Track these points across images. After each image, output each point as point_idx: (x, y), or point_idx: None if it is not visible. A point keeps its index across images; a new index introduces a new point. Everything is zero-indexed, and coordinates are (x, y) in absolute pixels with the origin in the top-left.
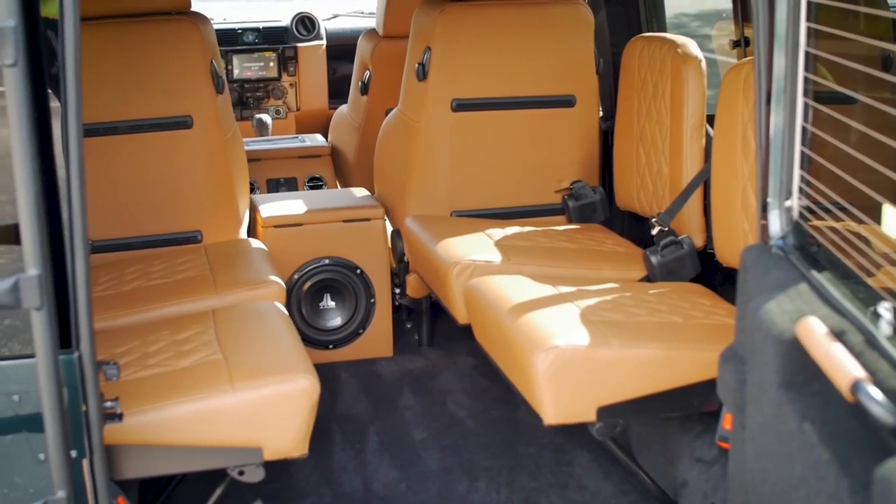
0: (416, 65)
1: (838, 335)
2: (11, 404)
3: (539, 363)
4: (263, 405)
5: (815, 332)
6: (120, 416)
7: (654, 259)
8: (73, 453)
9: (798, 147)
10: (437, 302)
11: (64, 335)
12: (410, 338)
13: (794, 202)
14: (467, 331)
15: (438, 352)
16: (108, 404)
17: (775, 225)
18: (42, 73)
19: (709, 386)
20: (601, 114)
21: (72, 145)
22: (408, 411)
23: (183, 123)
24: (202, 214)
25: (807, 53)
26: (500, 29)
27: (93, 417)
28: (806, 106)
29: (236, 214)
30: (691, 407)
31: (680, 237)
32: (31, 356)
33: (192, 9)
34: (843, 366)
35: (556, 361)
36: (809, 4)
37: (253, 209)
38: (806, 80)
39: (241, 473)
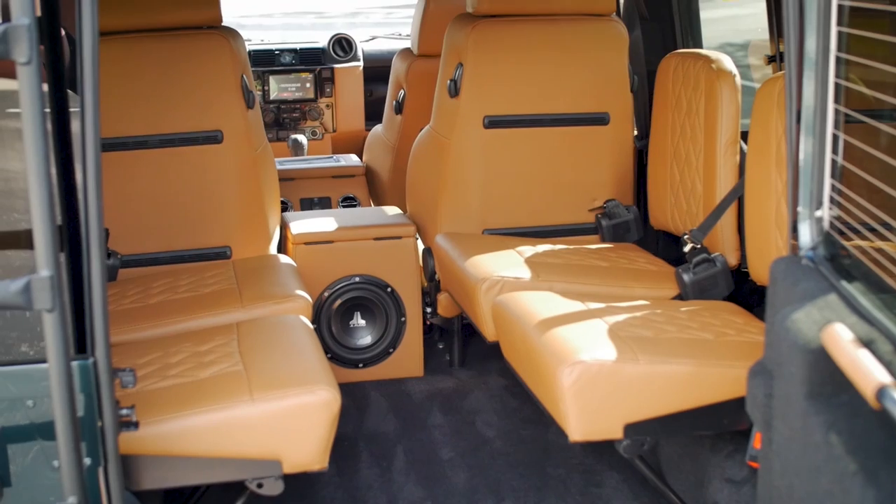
0: (448, 81)
1: (866, 344)
2: (26, 410)
3: (564, 378)
4: (283, 417)
5: (841, 339)
6: (136, 425)
7: (686, 277)
8: (88, 461)
9: (829, 156)
10: (468, 322)
11: (81, 341)
12: (441, 358)
13: (825, 212)
14: (499, 351)
15: (469, 372)
16: (124, 412)
17: (805, 236)
18: (61, 73)
19: (739, 404)
20: (636, 133)
21: (88, 149)
22: (436, 430)
23: (213, 138)
24: (232, 230)
25: (838, 60)
26: (532, 45)
27: (107, 425)
28: (837, 113)
29: (266, 230)
30: (721, 425)
31: (713, 255)
32: (45, 361)
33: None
34: (868, 372)
35: (582, 376)
36: (840, 7)
37: (284, 226)
38: (837, 87)
39: (259, 486)
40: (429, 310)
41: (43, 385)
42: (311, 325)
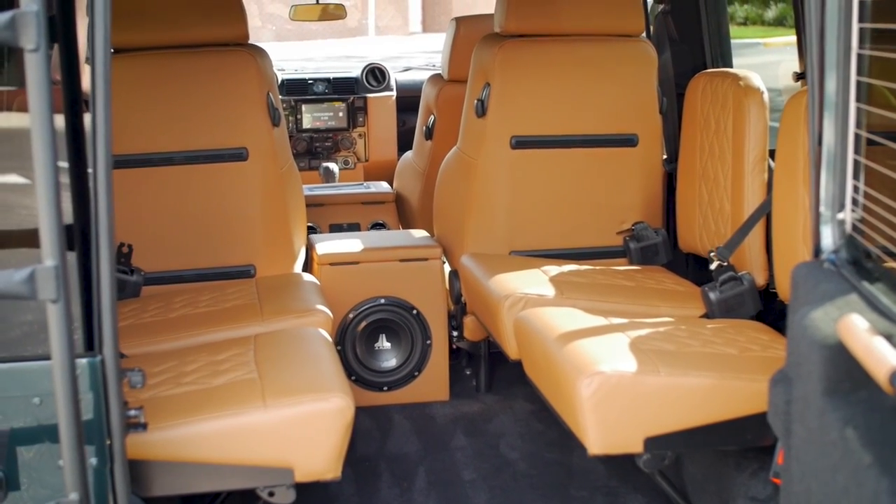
0: (475, 101)
1: (886, 337)
2: (33, 408)
3: (583, 389)
4: (295, 423)
5: (857, 328)
6: (144, 426)
7: (712, 295)
8: (95, 461)
9: (851, 156)
10: (495, 344)
11: (91, 341)
12: (468, 383)
13: (847, 214)
14: (526, 377)
15: (496, 397)
16: (132, 413)
17: (827, 238)
18: (76, 70)
19: (763, 419)
20: (665, 156)
21: (98, 144)
22: (459, 452)
23: (238, 155)
24: (256, 248)
25: (860, 57)
26: (560, 65)
27: (115, 424)
28: (859, 112)
29: (291, 249)
30: (744, 441)
31: (740, 273)
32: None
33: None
34: (883, 356)
35: (602, 388)
36: (862, 4)
37: (310, 248)
38: (859, 86)
39: (271, 495)
40: (455, 333)
41: (50, 383)
42: (329, 339)
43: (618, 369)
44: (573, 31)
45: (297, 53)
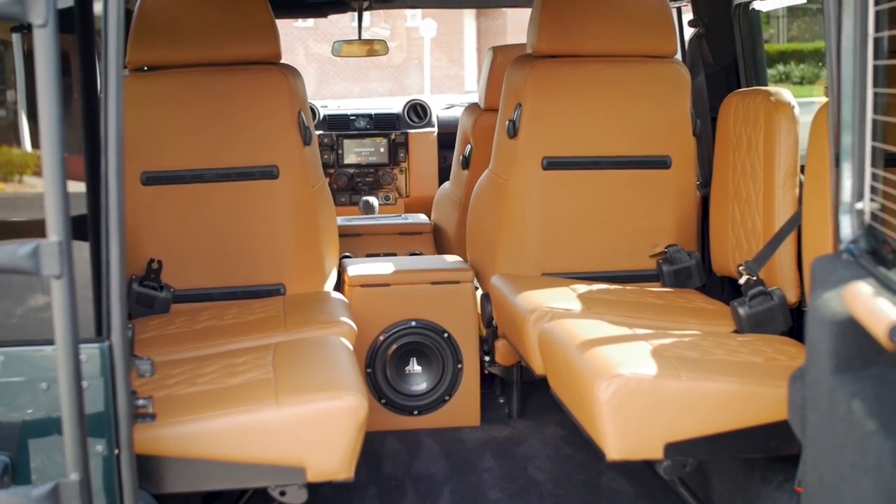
0: (507, 122)
1: None
2: (40, 393)
3: (602, 392)
4: (308, 422)
5: (860, 291)
6: (153, 416)
7: (741, 310)
8: (101, 448)
9: (869, 143)
10: (528, 371)
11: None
12: (500, 409)
13: (866, 204)
14: (558, 403)
15: (527, 422)
16: (141, 402)
17: (846, 228)
18: (92, 60)
19: (787, 427)
20: (699, 179)
21: (111, 125)
22: (486, 473)
23: (269, 173)
24: (286, 267)
25: (876, 41)
26: (592, 86)
27: (121, 410)
28: (876, 96)
29: (321, 269)
30: (768, 448)
31: (770, 289)
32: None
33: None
34: (882, 312)
35: (620, 391)
36: None
37: (342, 270)
38: (876, 69)
39: (282, 494)
40: (487, 358)
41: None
42: (350, 347)
43: (637, 372)
44: (605, 52)
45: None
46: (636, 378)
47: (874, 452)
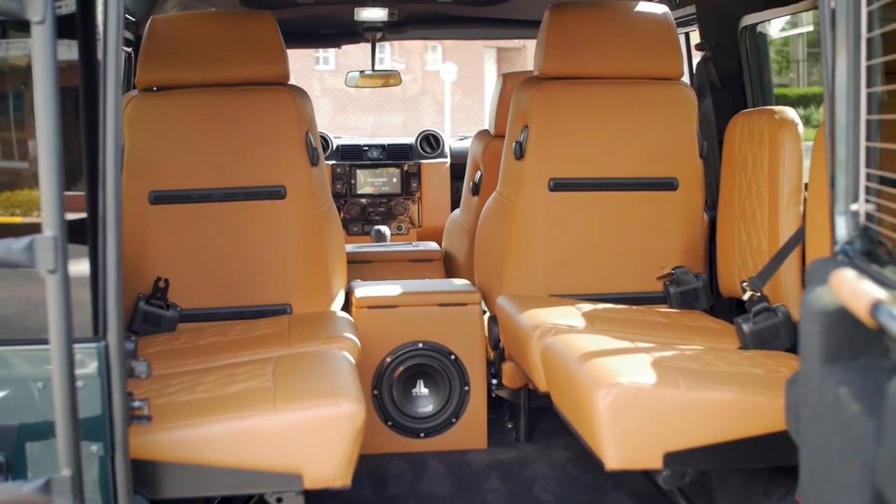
0: (514, 143)
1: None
2: (35, 392)
3: (600, 401)
4: (305, 428)
5: (845, 276)
6: (149, 418)
7: (745, 326)
8: (96, 448)
9: (864, 145)
10: (535, 396)
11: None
12: (508, 434)
13: (861, 205)
14: (566, 427)
15: (534, 446)
16: (136, 404)
17: (841, 230)
18: (94, 70)
19: (788, 437)
20: (707, 202)
21: (109, 125)
22: (491, 493)
23: (276, 193)
24: (293, 287)
25: (869, 41)
26: (598, 107)
27: (116, 409)
28: (870, 98)
29: (329, 290)
30: (768, 459)
31: (774, 305)
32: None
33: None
34: (864, 291)
35: (619, 400)
36: None
37: (349, 292)
38: (870, 71)
39: (279, 501)
40: (494, 381)
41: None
42: (353, 360)
43: (636, 381)
44: (611, 73)
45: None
46: (635, 387)
47: (858, 433)
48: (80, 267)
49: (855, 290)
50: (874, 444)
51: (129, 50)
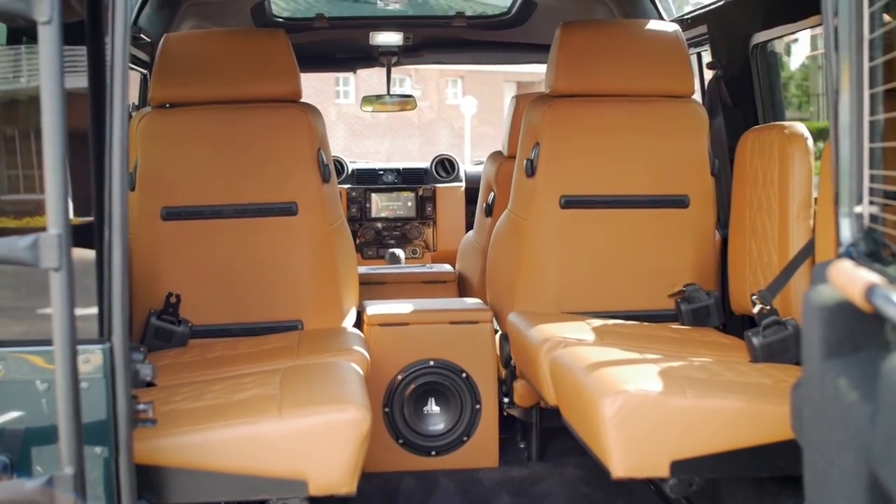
0: (525, 161)
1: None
2: (39, 393)
3: (606, 408)
4: (310, 434)
5: (842, 265)
6: (153, 422)
7: (755, 339)
8: (100, 450)
9: (867, 146)
10: (548, 415)
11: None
12: (520, 453)
13: (865, 207)
14: (580, 446)
15: (546, 465)
16: (141, 407)
17: (845, 232)
18: (103, 76)
19: (796, 446)
20: (719, 220)
21: (115, 127)
22: None
23: (288, 210)
24: (304, 304)
25: (871, 41)
26: (609, 125)
27: (121, 411)
28: (873, 98)
29: (340, 307)
30: (776, 468)
31: (784, 319)
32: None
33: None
34: (859, 276)
35: (625, 407)
36: None
37: (361, 311)
38: (872, 71)
39: None
40: (506, 400)
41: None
42: (361, 371)
43: (642, 389)
44: (622, 91)
45: None
46: (641, 394)
47: (855, 421)
48: (85, 269)
49: (850, 276)
50: (870, 429)
51: (146, 72)
